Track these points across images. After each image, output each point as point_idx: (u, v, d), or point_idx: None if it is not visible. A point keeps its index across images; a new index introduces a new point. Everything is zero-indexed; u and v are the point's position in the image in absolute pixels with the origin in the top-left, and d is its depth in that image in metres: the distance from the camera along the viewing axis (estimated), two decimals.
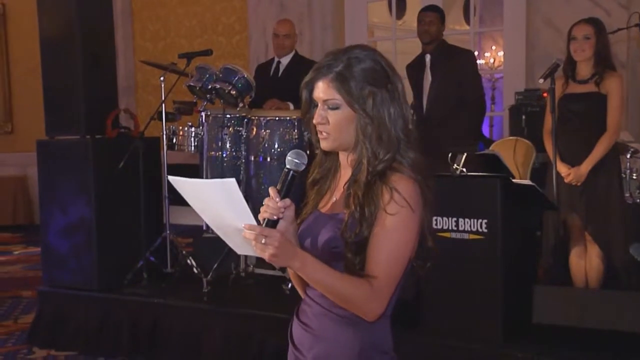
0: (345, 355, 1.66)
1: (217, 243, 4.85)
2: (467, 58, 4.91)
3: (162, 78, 4.63)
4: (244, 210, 1.52)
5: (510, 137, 5.09)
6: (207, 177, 4.49)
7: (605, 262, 3.79)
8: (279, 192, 1.58)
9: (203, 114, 4.61)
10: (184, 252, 4.63)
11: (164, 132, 4.61)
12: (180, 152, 4.87)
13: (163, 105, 4.57)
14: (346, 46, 1.72)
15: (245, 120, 4.54)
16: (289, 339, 1.77)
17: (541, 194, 3.54)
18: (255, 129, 4.47)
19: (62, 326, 4.54)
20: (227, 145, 4.53)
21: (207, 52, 4.73)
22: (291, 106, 4.78)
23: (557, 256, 3.86)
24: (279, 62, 5.17)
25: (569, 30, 3.84)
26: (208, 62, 4.81)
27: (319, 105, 1.67)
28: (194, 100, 4.82)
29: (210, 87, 4.55)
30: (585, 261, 3.82)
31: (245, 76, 4.58)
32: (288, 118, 4.46)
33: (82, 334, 4.46)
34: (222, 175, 4.42)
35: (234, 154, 4.54)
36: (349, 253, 1.60)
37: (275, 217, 1.56)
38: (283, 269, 4.39)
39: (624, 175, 4.26)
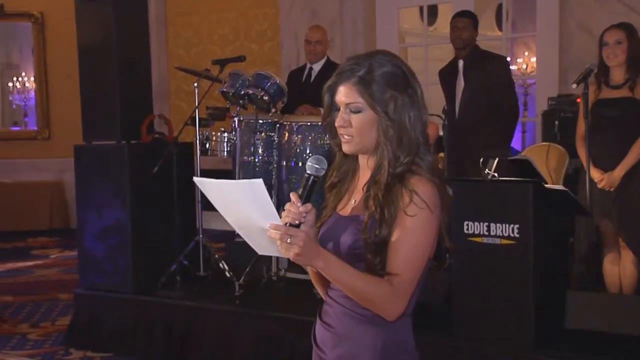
0: (367, 355, 1.69)
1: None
2: (500, 64, 4.88)
3: (195, 84, 4.70)
4: (270, 210, 1.56)
5: (543, 143, 5.05)
6: None
7: (639, 268, 3.75)
8: (300, 197, 1.62)
9: (236, 119, 4.66)
10: (216, 256, 4.69)
11: (197, 138, 4.67)
12: (213, 157, 4.93)
13: (197, 110, 4.63)
14: (367, 52, 1.76)
15: (278, 125, 4.59)
16: (312, 340, 1.82)
17: (574, 200, 3.52)
18: (287, 135, 4.51)
19: (97, 328, 4.62)
20: (260, 151, 4.58)
21: (240, 59, 4.78)
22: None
23: (590, 262, 3.83)
24: (311, 68, 5.22)
25: (600, 36, 3.82)
26: (240, 69, 4.86)
27: (342, 108, 1.71)
28: (227, 106, 4.87)
29: (243, 92, 4.60)
30: (619, 267, 3.79)
31: (278, 82, 4.63)
32: (320, 123, 4.48)
33: (117, 336, 4.54)
34: None
35: (266, 159, 4.59)
36: (368, 254, 1.64)
37: (297, 222, 1.58)
38: None
39: None
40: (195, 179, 1.64)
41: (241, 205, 1.59)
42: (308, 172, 1.64)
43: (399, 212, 1.63)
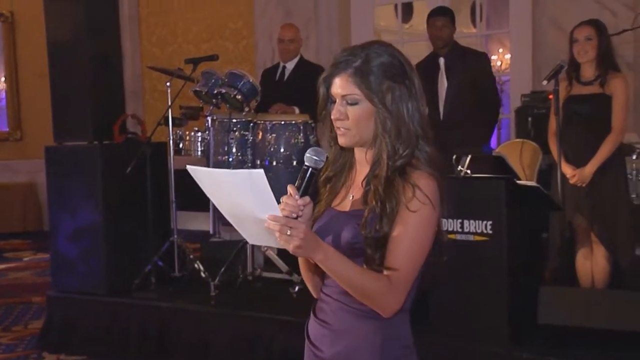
0: (366, 349, 1.67)
1: (225, 247, 4.92)
2: (482, 60, 4.78)
3: (168, 83, 4.66)
4: (269, 201, 1.51)
5: (517, 140, 5.09)
6: None
7: (611, 262, 3.79)
8: (297, 189, 1.58)
9: (209, 118, 4.63)
10: (191, 256, 4.66)
11: (171, 137, 4.64)
12: (187, 157, 4.89)
13: (170, 110, 4.60)
14: (363, 42, 1.72)
15: (251, 124, 4.57)
16: (305, 337, 1.78)
17: (546, 195, 3.55)
18: (261, 133, 4.50)
19: (71, 331, 4.57)
20: (234, 150, 4.55)
21: (213, 57, 4.76)
22: (297, 110, 4.81)
23: (564, 257, 3.86)
24: (284, 67, 5.20)
25: (570, 33, 3.85)
26: (215, 68, 4.83)
27: (338, 100, 1.67)
28: (201, 105, 4.85)
29: (216, 91, 4.58)
30: (592, 262, 3.82)
31: (251, 81, 4.61)
32: (294, 122, 4.49)
33: (91, 338, 4.49)
34: None
35: (240, 158, 4.57)
36: (368, 249, 1.61)
37: (294, 215, 1.54)
38: (290, 272, 4.41)
39: (630, 177, 4.26)
40: (189, 167, 1.59)
41: (237, 195, 1.55)
42: (307, 164, 1.60)
43: (400, 207, 1.60)
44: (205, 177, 1.60)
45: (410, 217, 1.59)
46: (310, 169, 1.60)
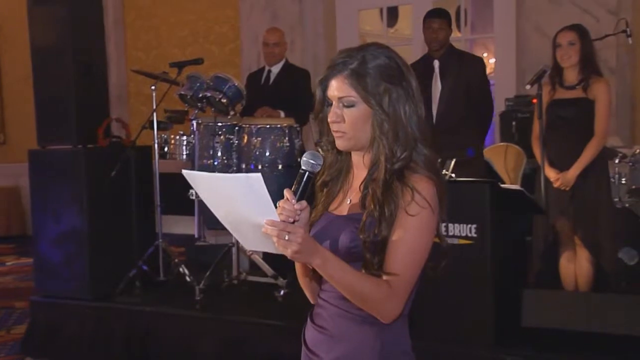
0: (365, 355, 1.65)
1: (210, 251, 4.91)
2: (478, 64, 4.71)
3: (153, 87, 4.65)
4: (267, 206, 1.49)
5: (501, 144, 5.12)
6: None
7: (594, 266, 3.81)
8: (294, 193, 1.56)
9: (194, 122, 4.63)
10: (176, 260, 4.64)
11: (156, 141, 4.63)
12: (172, 161, 4.88)
13: (154, 114, 4.59)
14: (360, 44, 1.70)
15: (237, 128, 4.57)
16: (302, 343, 1.76)
17: (530, 199, 3.57)
18: (246, 137, 4.50)
19: (55, 336, 4.54)
20: (219, 154, 4.55)
21: (198, 61, 4.75)
22: (282, 114, 4.80)
23: (547, 260, 3.88)
24: (269, 71, 5.20)
25: (553, 38, 3.89)
26: (200, 72, 4.82)
27: (334, 103, 1.65)
28: (186, 109, 4.84)
29: (201, 95, 4.57)
30: (575, 265, 3.85)
31: (236, 84, 4.61)
32: (279, 126, 4.49)
33: (75, 343, 4.46)
34: None
35: (226, 162, 4.56)
36: (367, 253, 1.59)
37: (291, 220, 1.52)
38: (275, 276, 4.41)
39: (612, 180, 4.29)
40: (184, 172, 1.57)
41: (234, 199, 1.52)
42: (303, 167, 1.58)
43: (399, 211, 1.58)
44: (201, 181, 1.58)
45: (409, 221, 1.57)
46: (307, 173, 1.58)
